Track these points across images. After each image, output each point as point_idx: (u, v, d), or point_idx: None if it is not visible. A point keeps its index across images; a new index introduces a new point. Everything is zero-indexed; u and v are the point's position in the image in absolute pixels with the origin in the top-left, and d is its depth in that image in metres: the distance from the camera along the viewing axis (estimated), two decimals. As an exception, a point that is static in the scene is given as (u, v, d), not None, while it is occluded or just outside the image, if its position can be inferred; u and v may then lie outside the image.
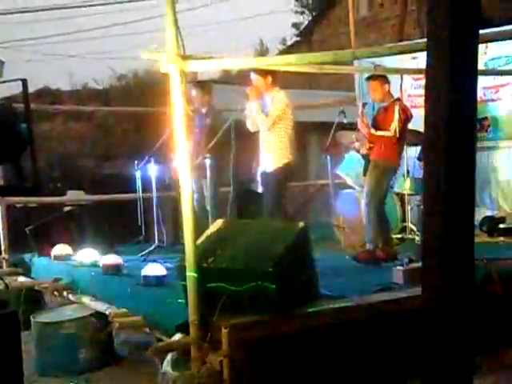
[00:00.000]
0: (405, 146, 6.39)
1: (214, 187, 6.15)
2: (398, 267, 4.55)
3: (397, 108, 5.53)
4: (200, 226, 3.94)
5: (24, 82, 1.93)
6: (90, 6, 14.59)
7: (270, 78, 5.59)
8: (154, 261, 5.33)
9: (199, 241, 3.82)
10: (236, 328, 3.50)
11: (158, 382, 3.66)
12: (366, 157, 5.92)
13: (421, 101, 6.41)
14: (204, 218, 6.03)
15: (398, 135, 5.47)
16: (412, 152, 6.55)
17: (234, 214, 6.53)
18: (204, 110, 6.47)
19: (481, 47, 6.97)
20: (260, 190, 5.97)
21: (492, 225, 6.55)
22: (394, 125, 5.48)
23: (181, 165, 3.69)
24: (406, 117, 5.62)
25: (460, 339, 2.21)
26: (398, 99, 5.78)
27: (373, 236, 5.52)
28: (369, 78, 5.85)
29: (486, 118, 7.08)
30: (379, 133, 5.65)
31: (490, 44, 6.49)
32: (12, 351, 2.06)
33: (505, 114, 7.08)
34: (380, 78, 5.72)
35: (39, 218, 6.55)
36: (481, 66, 6.38)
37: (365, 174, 5.76)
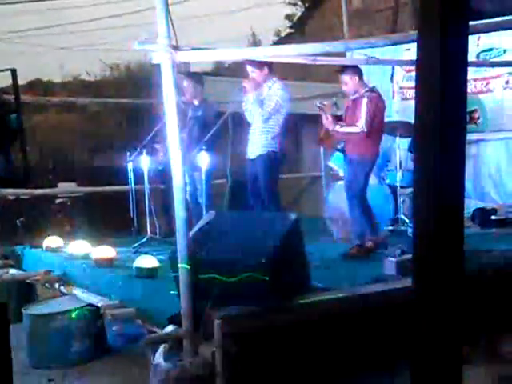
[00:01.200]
0: (397, 138, 6.41)
1: (207, 179, 6.14)
2: (390, 258, 4.56)
3: (365, 101, 5.34)
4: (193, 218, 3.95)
5: (13, 72, 1.92)
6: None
7: (266, 69, 5.57)
8: (146, 253, 5.33)
9: (191, 232, 3.82)
10: (228, 319, 3.51)
11: (151, 373, 3.66)
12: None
13: (412, 93, 6.42)
14: (197, 210, 6.04)
15: (365, 129, 5.30)
16: (404, 144, 6.56)
17: (228, 205, 6.56)
18: (196, 102, 6.46)
19: (473, 39, 7.02)
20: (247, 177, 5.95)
21: (484, 216, 6.59)
22: (362, 120, 5.31)
23: (173, 157, 3.68)
24: (377, 108, 5.42)
25: (449, 329, 2.22)
26: (371, 90, 5.51)
27: (359, 229, 5.51)
28: (339, 72, 5.62)
29: (475, 110, 7.10)
30: (345, 129, 5.50)
31: (482, 36, 6.51)
32: (0, 341, 2.05)
33: (494, 106, 7.10)
34: (350, 69, 5.50)
35: (31, 210, 6.53)
36: (472, 58, 6.41)
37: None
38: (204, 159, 5.77)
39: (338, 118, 5.65)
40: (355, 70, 5.54)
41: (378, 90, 5.65)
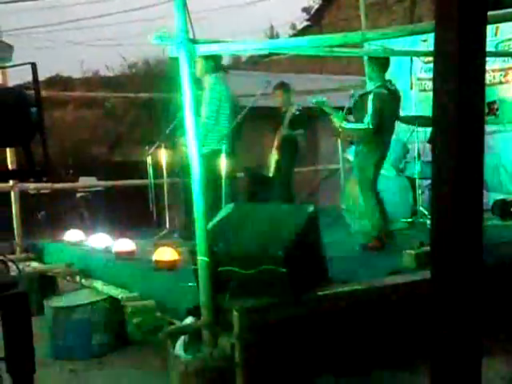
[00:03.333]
0: (415, 129, 6.36)
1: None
2: (409, 251, 4.55)
3: (370, 97, 5.26)
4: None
5: (33, 65, 1.94)
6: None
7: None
8: (166, 245, 5.37)
9: (210, 225, 3.84)
10: (247, 311, 3.53)
11: (170, 365, 3.70)
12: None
13: (431, 84, 6.40)
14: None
15: (372, 126, 5.21)
16: (422, 135, 6.51)
17: (245, 198, 6.58)
18: None
19: (492, 29, 6.92)
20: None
21: (504, 208, 6.53)
22: (368, 117, 5.23)
23: (191, 150, 3.70)
24: (384, 104, 5.28)
25: (468, 321, 2.21)
26: (381, 86, 5.37)
27: (373, 223, 5.49)
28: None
29: (494, 102, 7.02)
30: (352, 126, 5.46)
31: (501, 26, 6.44)
32: (22, 331, 2.09)
33: (514, 96, 7.02)
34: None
35: (52, 204, 6.61)
36: (491, 49, 6.35)
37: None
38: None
39: (349, 111, 5.63)
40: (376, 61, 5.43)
41: (394, 83, 5.57)
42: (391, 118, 5.47)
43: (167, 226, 6.31)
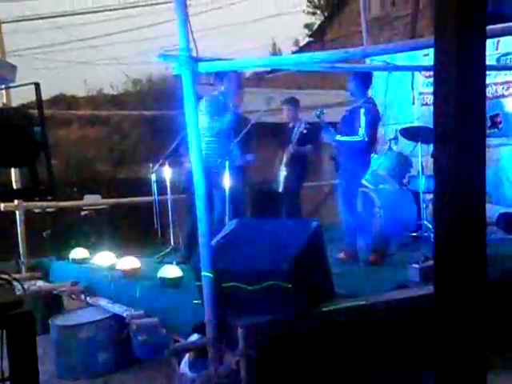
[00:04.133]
0: (418, 143, 6.39)
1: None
2: (414, 265, 4.55)
3: (362, 111, 5.44)
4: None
5: (37, 85, 1.96)
6: (102, 11, 14.71)
7: None
8: (170, 263, 5.37)
9: (214, 241, 3.85)
10: (252, 328, 3.52)
11: (176, 382, 3.69)
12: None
13: (432, 98, 6.44)
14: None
15: (367, 138, 5.42)
16: (425, 149, 6.52)
17: (251, 214, 6.59)
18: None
19: (492, 43, 6.95)
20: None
21: (509, 221, 6.50)
22: (362, 129, 5.40)
23: (195, 167, 3.71)
24: (374, 119, 5.53)
25: (472, 335, 2.20)
26: (368, 101, 5.63)
27: (363, 237, 5.52)
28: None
29: (497, 115, 7.03)
30: (346, 138, 5.57)
31: (501, 40, 6.46)
32: (27, 351, 2.09)
33: (517, 110, 7.03)
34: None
35: (57, 223, 6.62)
36: (492, 62, 6.36)
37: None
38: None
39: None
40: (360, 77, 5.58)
41: (375, 101, 5.79)
42: (376, 134, 5.69)
43: (172, 243, 6.31)
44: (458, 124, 2.21)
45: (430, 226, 6.23)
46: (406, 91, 7.66)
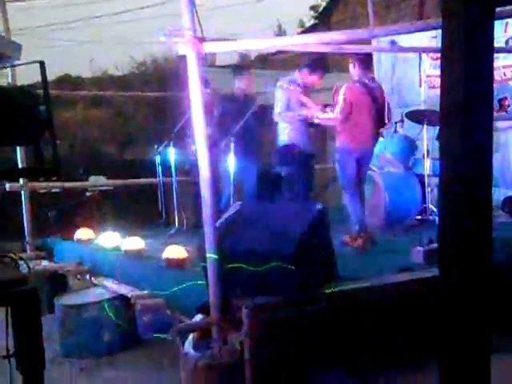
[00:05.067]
0: (424, 126, 6.34)
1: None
2: (418, 247, 4.55)
3: (341, 90, 5.38)
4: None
5: (42, 64, 1.95)
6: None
7: None
8: (175, 244, 5.38)
9: (218, 223, 3.85)
10: (256, 308, 3.53)
11: (181, 362, 3.71)
12: None
13: (439, 81, 6.38)
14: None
15: (339, 116, 5.33)
16: (431, 132, 6.49)
17: (257, 196, 6.60)
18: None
19: (500, 26, 6.88)
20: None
21: (514, 205, 6.49)
22: (337, 107, 5.36)
23: (200, 149, 3.71)
24: (354, 97, 5.38)
25: (477, 318, 2.21)
26: (357, 81, 5.53)
27: (354, 220, 5.48)
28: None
29: (505, 98, 6.99)
30: (324, 115, 5.60)
31: (510, 22, 6.40)
32: (32, 328, 2.10)
33: (525, 93, 6.99)
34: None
35: (62, 203, 6.64)
36: (501, 45, 6.31)
37: None
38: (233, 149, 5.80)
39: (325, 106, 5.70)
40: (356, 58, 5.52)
41: (378, 83, 5.66)
42: (360, 114, 5.45)
43: (176, 224, 6.32)
44: (464, 107, 2.19)
45: (435, 210, 6.23)
46: (413, 74, 7.60)
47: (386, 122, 5.67)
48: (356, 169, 5.50)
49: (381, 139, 6.16)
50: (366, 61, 5.59)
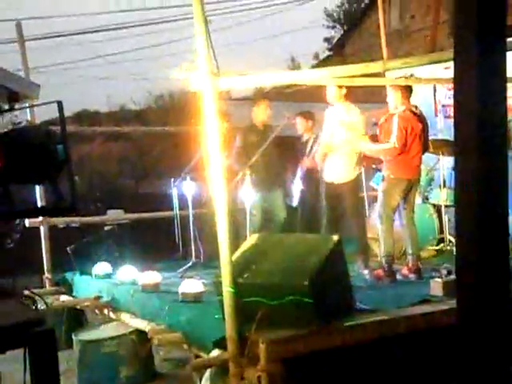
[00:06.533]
0: (440, 156, 6.33)
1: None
2: (437, 279, 4.50)
3: (395, 118, 5.34)
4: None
5: (59, 103, 2.00)
6: (123, 28, 14.92)
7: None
8: (192, 277, 5.38)
9: (235, 256, 3.85)
10: (273, 343, 3.51)
11: (198, 398, 3.68)
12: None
13: (455, 111, 6.36)
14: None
15: (397, 145, 5.28)
16: (447, 162, 6.48)
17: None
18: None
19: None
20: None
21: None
22: (393, 136, 5.29)
23: (216, 181, 3.73)
24: (409, 126, 5.36)
25: (495, 352, 2.17)
26: (406, 109, 5.47)
27: (385, 249, 5.40)
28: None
29: None
30: (378, 146, 5.52)
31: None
32: (49, 368, 2.10)
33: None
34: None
35: (80, 238, 6.68)
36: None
37: None
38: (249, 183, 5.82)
39: (373, 138, 5.65)
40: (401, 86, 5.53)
41: (420, 109, 5.61)
42: (416, 144, 5.45)
43: (193, 257, 6.32)
44: (478, 136, 2.20)
45: (453, 240, 6.17)
46: (429, 103, 7.62)
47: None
48: (402, 198, 5.47)
49: None
50: (409, 89, 5.57)
